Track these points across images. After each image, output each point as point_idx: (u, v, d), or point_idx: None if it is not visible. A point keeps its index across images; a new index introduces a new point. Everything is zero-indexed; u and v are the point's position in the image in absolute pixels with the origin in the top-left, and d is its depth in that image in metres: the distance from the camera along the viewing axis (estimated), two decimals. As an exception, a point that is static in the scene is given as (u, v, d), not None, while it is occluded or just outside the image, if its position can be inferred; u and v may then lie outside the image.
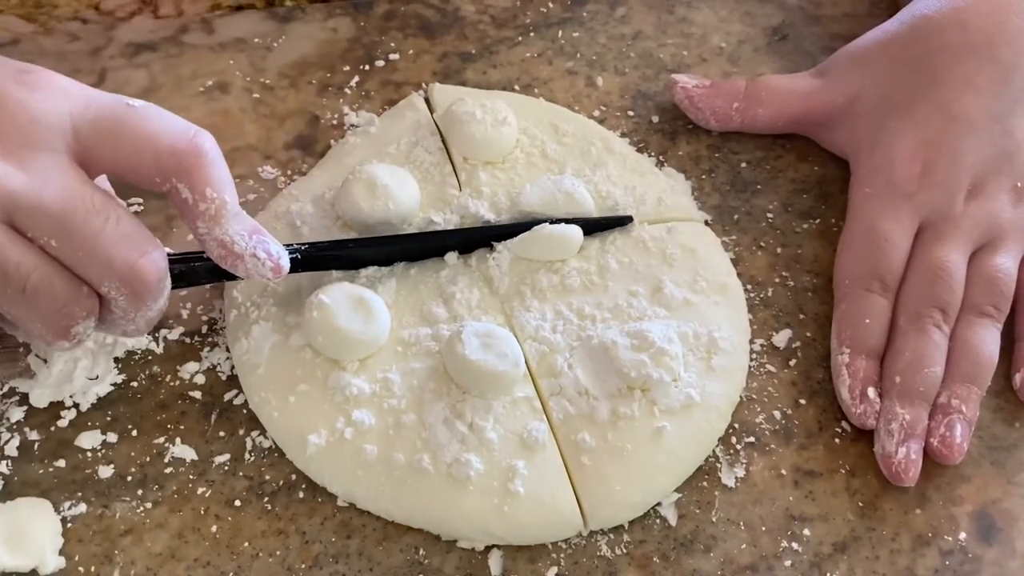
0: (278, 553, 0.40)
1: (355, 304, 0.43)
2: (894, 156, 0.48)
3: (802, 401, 0.45)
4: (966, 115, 0.48)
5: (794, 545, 0.41)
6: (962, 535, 0.41)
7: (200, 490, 0.41)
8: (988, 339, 0.45)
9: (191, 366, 0.44)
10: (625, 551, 0.40)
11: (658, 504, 0.41)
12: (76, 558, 0.39)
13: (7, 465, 0.41)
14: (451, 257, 0.46)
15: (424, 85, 0.55)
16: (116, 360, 0.44)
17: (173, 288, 0.41)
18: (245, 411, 0.43)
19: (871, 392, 0.43)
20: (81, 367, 0.43)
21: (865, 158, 0.50)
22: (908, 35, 0.51)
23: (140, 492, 0.41)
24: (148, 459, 0.42)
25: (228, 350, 0.45)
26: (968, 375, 0.44)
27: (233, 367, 0.44)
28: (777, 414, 0.44)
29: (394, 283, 0.45)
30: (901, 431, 0.42)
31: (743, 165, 0.53)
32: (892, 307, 0.46)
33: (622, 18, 0.59)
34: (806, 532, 0.41)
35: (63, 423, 0.42)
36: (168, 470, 0.41)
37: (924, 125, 0.48)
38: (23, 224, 0.35)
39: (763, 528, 0.41)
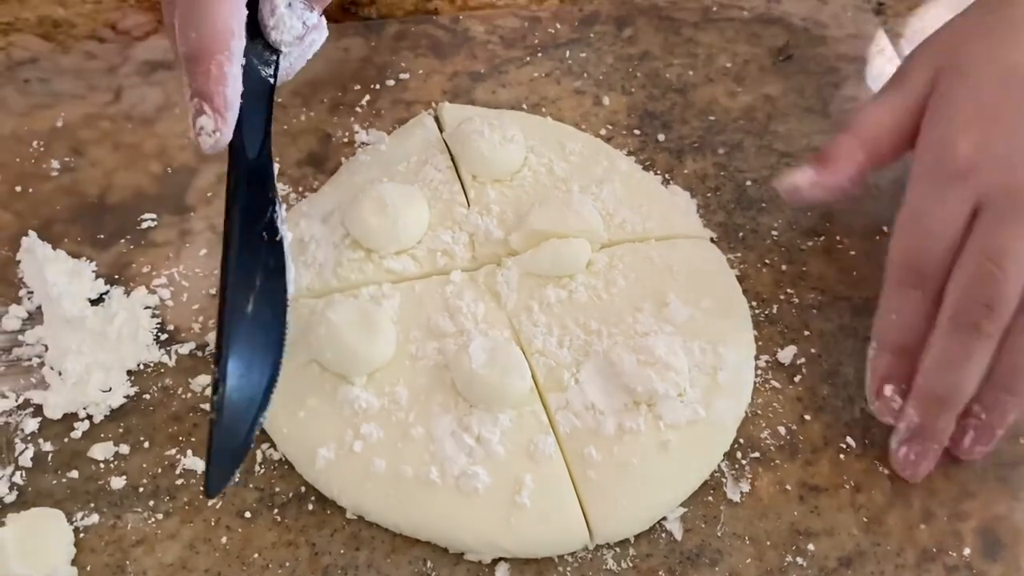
0: (287, 564, 0.40)
1: (361, 320, 0.43)
2: (947, 129, 0.43)
3: (807, 417, 0.45)
4: None
5: (799, 560, 0.41)
6: (967, 551, 0.42)
7: (211, 501, 0.41)
8: None
9: (202, 379, 0.45)
10: (631, 565, 0.41)
11: (664, 518, 0.42)
12: (88, 568, 0.40)
13: (21, 476, 0.42)
14: (456, 275, 0.47)
15: (434, 104, 0.56)
16: (129, 373, 0.45)
17: None
18: (256, 424, 0.44)
19: (888, 390, 0.43)
20: (95, 379, 0.44)
21: (924, 135, 0.45)
22: (982, 9, 0.47)
23: (152, 503, 0.41)
24: (160, 470, 0.42)
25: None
26: (1001, 383, 0.41)
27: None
28: (782, 429, 0.45)
29: (398, 298, 0.46)
30: (907, 431, 0.42)
31: (748, 183, 0.53)
32: (931, 298, 0.42)
33: (629, 39, 0.60)
34: (811, 547, 0.41)
35: (76, 434, 0.43)
36: (179, 481, 0.42)
37: (984, 90, 0.43)
38: None
39: (768, 543, 0.41)
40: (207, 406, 0.44)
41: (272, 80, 0.43)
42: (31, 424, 0.43)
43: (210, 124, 0.37)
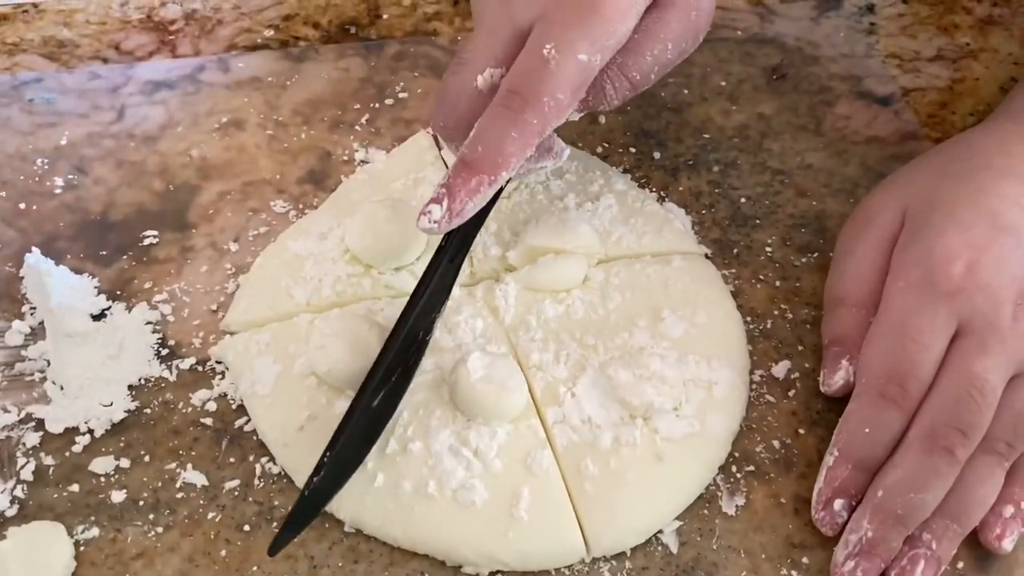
0: (286, 577, 0.40)
1: (358, 334, 0.44)
2: (934, 250, 0.44)
3: (801, 431, 0.45)
4: (1014, 227, 0.44)
5: (794, 573, 0.41)
6: (960, 564, 0.42)
7: (211, 515, 0.42)
8: (986, 477, 0.41)
9: (203, 394, 0.45)
10: (627, 577, 0.41)
11: (660, 531, 0.42)
12: (88, 581, 0.40)
13: (23, 489, 0.42)
14: (455, 290, 0.47)
15: (432, 123, 0.56)
16: (130, 387, 0.45)
17: None
18: (255, 438, 0.44)
19: (837, 504, 0.41)
20: (96, 394, 0.44)
21: (901, 252, 0.45)
22: (951, 155, 0.49)
23: (152, 516, 0.42)
24: (160, 484, 0.43)
25: (239, 378, 0.46)
26: (951, 512, 0.40)
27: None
28: (776, 443, 0.45)
29: (396, 313, 0.46)
30: (857, 545, 0.40)
31: (743, 200, 0.54)
32: (907, 417, 0.41)
33: (625, 58, 0.61)
34: (805, 560, 0.42)
35: (77, 448, 0.43)
36: (179, 495, 0.42)
37: (969, 228, 0.44)
38: None
39: (763, 556, 0.42)
40: (207, 420, 0.44)
41: (489, 207, 0.44)
42: (32, 438, 0.43)
43: (437, 215, 0.39)
